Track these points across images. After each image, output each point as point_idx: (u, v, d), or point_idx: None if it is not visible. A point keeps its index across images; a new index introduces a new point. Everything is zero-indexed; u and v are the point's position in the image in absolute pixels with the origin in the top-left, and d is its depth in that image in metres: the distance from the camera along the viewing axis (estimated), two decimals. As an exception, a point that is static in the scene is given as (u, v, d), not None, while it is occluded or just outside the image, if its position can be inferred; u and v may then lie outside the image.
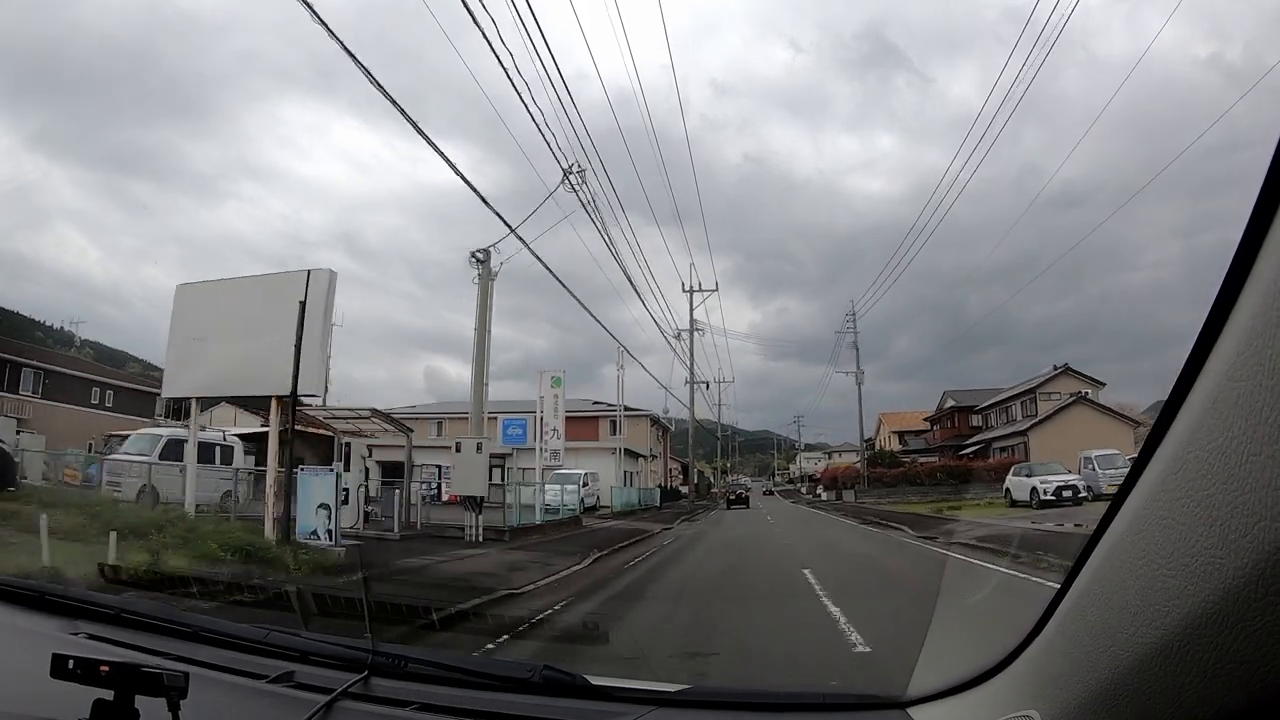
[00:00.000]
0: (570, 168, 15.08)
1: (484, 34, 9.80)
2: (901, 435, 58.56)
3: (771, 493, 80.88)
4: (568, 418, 37.41)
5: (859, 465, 48.86)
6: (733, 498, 50.90)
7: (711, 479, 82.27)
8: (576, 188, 15.49)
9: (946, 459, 44.02)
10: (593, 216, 16.85)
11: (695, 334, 43.46)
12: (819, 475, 67.50)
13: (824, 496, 55.17)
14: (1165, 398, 0.69)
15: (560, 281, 17.74)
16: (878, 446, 61.04)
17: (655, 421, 50.56)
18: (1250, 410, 0.54)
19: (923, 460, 47.57)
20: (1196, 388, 0.63)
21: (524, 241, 14.87)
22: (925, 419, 56.90)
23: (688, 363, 43.18)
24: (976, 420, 49.71)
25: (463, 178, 11.99)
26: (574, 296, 20.21)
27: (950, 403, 52.60)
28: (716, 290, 44.65)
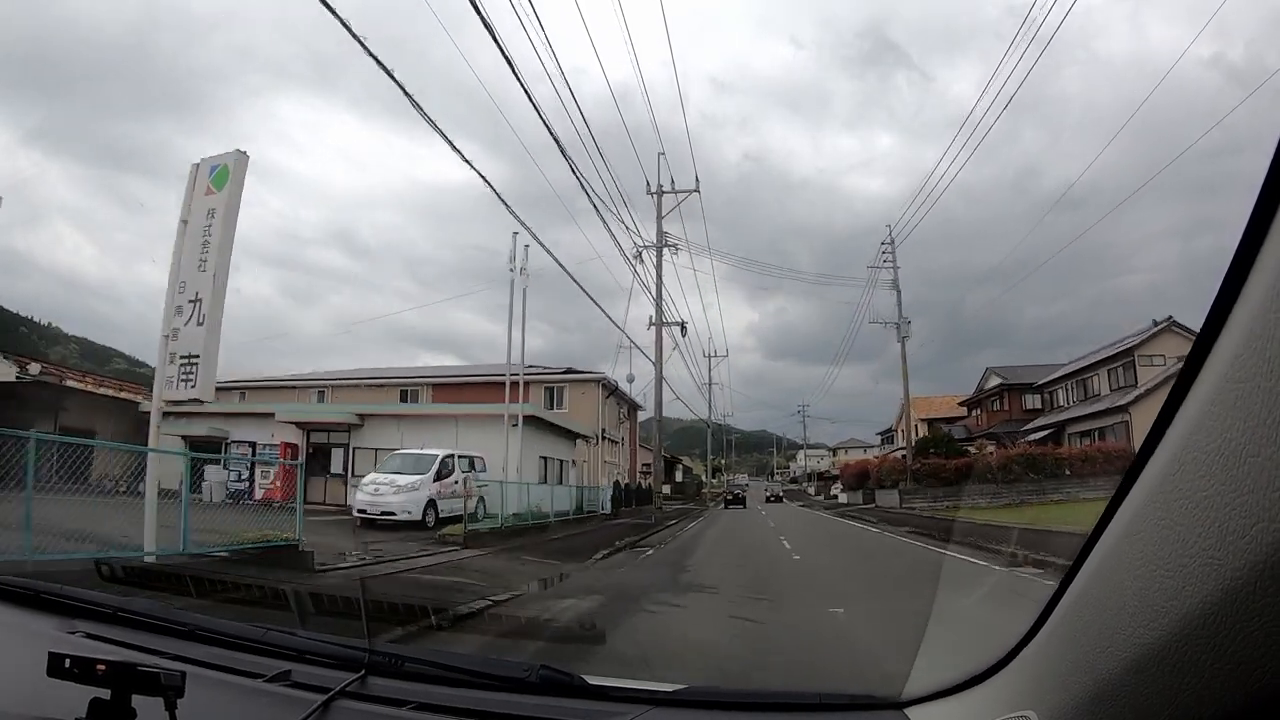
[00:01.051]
0: None
1: (488, 25, 9.56)
2: (930, 423, 47.50)
3: (778, 498, 58.84)
4: (479, 383, 25.82)
5: (902, 456, 36.47)
6: (730, 498, 50.54)
7: (703, 478, 70.30)
8: None
9: (1026, 447, 30.82)
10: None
11: (665, 251, 27.70)
12: (840, 471, 54.48)
13: (842, 499, 44.70)
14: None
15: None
16: (901, 438, 49.79)
17: (614, 392, 34.80)
18: (1249, 412, 0.54)
19: (993, 448, 34.10)
20: (1195, 389, 0.63)
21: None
22: (960, 403, 47.37)
23: (654, 299, 27.44)
24: (1032, 401, 40.14)
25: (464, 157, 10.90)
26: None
27: (995, 381, 42.70)
28: (697, 192, 28.65)
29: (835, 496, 49.93)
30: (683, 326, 30.22)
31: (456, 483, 16.72)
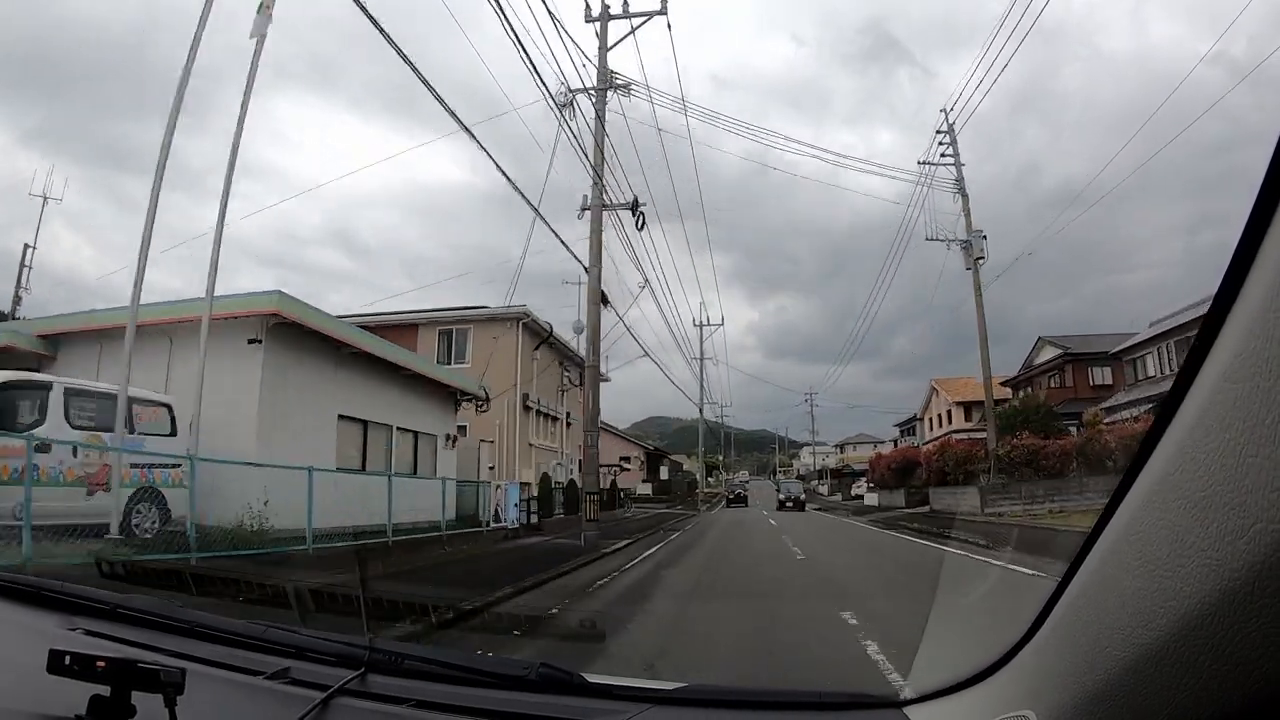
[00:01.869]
0: None
1: (504, 15, 9.09)
2: (968, 408, 38.93)
3: (797, 503, 37.33)
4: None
5: (963, 438, 28.90)
6: (731, 496, 50.71)
7: (699, 477, 56.99)
8: None
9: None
10: None
11: (615, 98, 16.85)
12: (871, 464, 41.40)
13: (870, 499, 36.17)
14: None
15: None
16: (929, 427, 44.10)
17: (547, 342, 24.35)
18: (1248, 412, 0.54)
19: (1117, 419, 25.35)
20: (1194, 388, 0.63)
21: None
22: (1003, 383, 36.37)
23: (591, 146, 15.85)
24: (1101, 375, 32.60)
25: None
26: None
27: (1052, 353, 34.34)
28: (664, 11, 16.68)
29: (859, 496, 40.48)
30: (636, 210, 17.54)
31: (45, 450, 7.77)
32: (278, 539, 9.18)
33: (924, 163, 23.28)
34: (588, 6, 17.21)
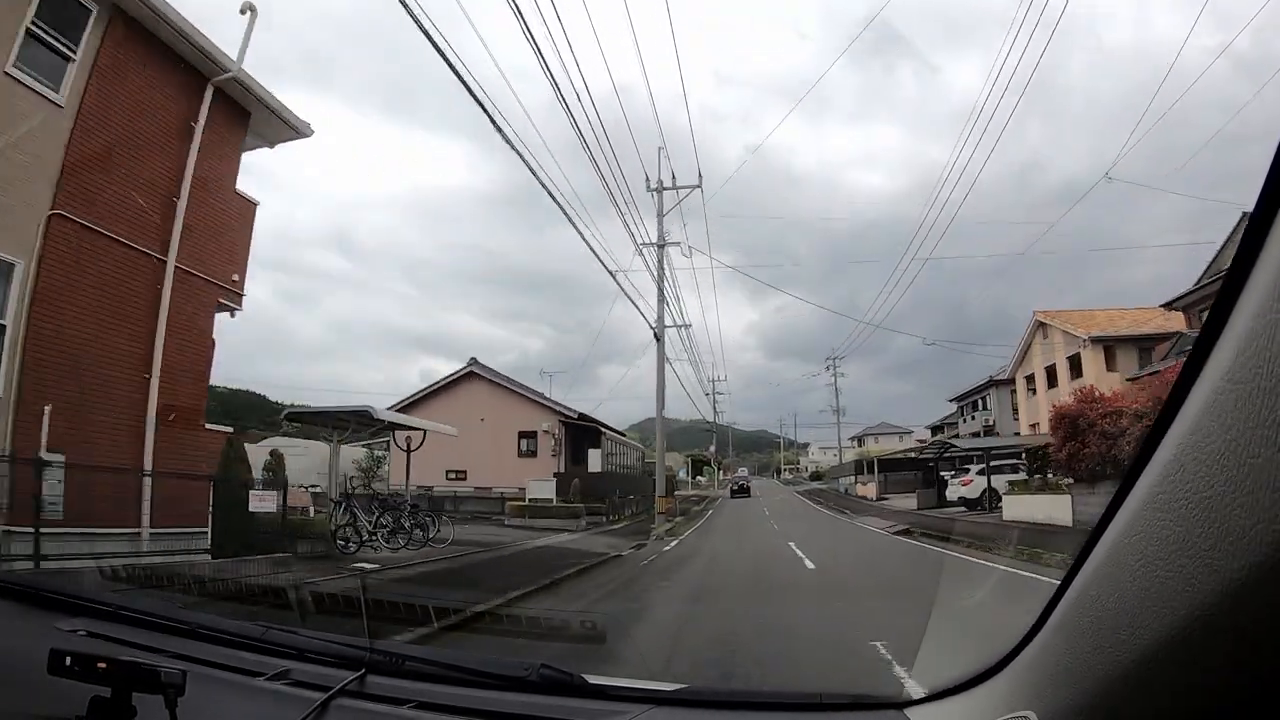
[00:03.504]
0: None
1: (519, 10, 8.72)
2: (1110, 348, 26.51)
3: None
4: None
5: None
6: (735, 488, 51.05)
7: (684, 474, 45.68)
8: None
9: None
10: None
11: None
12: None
13: (1053, 513, 12.71)
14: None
15: None
16: (1024, 392, 32.68)
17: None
18: (1249, 413, 0.54)
19: None
20: (1195, 389, 0.63)
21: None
22: (1169, 305, 24.46)
23: None
24: None
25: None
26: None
27: None
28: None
29: (978, 502, 20.43)
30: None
31: None
32: None
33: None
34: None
